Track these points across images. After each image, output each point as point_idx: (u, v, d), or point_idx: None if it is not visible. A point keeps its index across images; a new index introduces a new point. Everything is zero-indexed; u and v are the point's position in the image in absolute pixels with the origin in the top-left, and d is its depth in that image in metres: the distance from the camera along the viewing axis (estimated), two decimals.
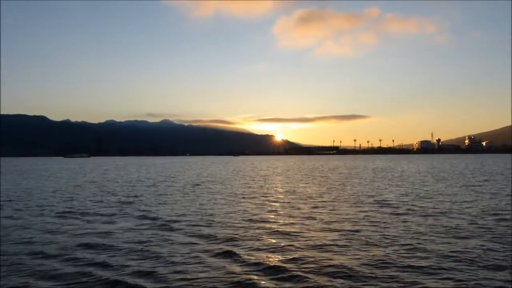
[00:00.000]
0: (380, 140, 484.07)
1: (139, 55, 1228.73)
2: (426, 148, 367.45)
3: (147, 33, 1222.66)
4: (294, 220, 16.90)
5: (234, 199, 24.78)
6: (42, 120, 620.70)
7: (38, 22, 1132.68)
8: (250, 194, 28.24)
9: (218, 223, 16.30)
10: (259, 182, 39.97)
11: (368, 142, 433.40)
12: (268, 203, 23.00)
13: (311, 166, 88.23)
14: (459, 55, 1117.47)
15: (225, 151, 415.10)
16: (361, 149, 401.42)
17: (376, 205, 21.37)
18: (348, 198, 24.83)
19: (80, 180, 46.69)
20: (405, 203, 21.98)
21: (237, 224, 16.13)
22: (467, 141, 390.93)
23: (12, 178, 52.08)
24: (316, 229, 14.95)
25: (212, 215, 18.38)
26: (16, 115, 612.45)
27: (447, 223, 15.76)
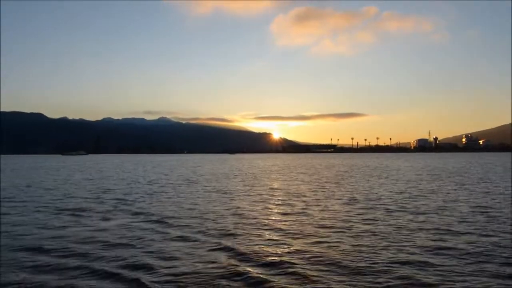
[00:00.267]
0: (377, 139, 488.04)
1: (137, 53, 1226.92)
2: (423, 147, 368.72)
3: (144, 31, 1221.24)
4: (287, 217, 17.11)
5: (229, 196, 24.97)
6: (39, 118, 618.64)
7: (36, 21, 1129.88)
8: (244, 191, 28.43)
9: (212, 219, 16.49)
10: (254, 180, 40.14)
11: (365, 140, 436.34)
12: (262, 200, 23.20)
13: (308, 164, 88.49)
14: (456, 53, 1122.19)
15: (223, 149, 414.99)
16: (358, 147, 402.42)
17: (369, 202, 21.60)
18: (341, 195, 25.05)
19: (77, 177, 46.77)
20: (398, 201, 22.23)
21: (230, 220, 16.33)
22: (464, 139, 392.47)
23: (9, 176, 52.07)
24: (308, 225, 15.16)
25: (206, 212, 18.58)
26: (13, 112, 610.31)
27: (438, 220, 16.01)
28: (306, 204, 21.05)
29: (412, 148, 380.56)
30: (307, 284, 8.73)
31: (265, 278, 9.13)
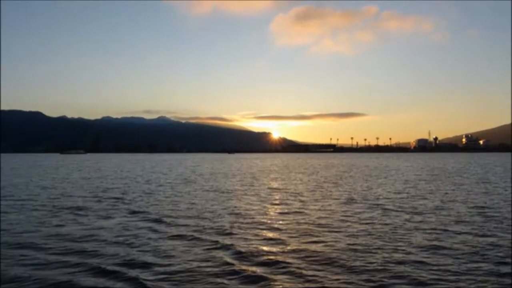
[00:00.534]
0: (377, 138, 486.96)
1: (136, 52, 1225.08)
2: (423, 147, 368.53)
3: (144, 30, 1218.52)
4: (284, 217, 17.17)
5: (226, 196, 25.01)
6: (38, 116, 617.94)
7: (36, 20, 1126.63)
8: (242, 191, 28.47)
9: (209, 218, 16.54)
10: (252, 180, 40.18)
11: (365, 140, 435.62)
12: (260, 200, 23.25)
13: (307, 164, 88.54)
14: (456, 53, 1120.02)
15: (222, 149, 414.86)
16: (358, 147, 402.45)
17: (366, 202, 21.66)
18: (339, 195, 25.11)
19: (75, 176, 46.78)
20: (396, 201, 22.28)
21: (227, 219, 16.38)
22: (464, 139, 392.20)
23: (8, 174, 52.08)
24: (305, 224, 15.21)
25: (204, 211, 18.62)
26: (12, 110, 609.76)
27: (435, 220, 16.07)
28: (304, 204, 21.10)
29: (412, 148, 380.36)
30: (303, 283, 8.78)
31: (261, 276, 9.18)
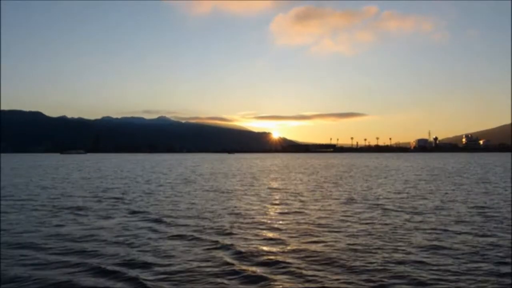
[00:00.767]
0: (377, 138, 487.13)
1: (136, 52, 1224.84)
2: (423, 147, 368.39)
3: (144, 30, 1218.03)
4: (284, 217, 17.17)
5: (226, 196, 25.01)
6: (38, 116, 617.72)
7: (35, 19, 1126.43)
8: (242, 191, 28.47)
9: (209, 218, 16.54)
10: (252, 180, 40.18)
11: (365, 140, 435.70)
12: (260, 200, 23.25)
13: (307, 164, 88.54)
14: (456, 53, 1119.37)
15: (222, 149, 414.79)
16: (358, 147, 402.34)
17: (366, 202, 21.66)
18: (339, 195, 25.11)
19: (75, 176, 46.78)
20: (395, 201, 22.29)
21: (227, 219, 16.39)
22: (464, 139, 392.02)
23: (8, 174, 52.09)
24: (305, 224, 15.21)
25: (204, 211, 18.62)
26: (12, 110, 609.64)
27: (435, 220, 16.07)
28: (304, 204, 21.10)
29: (412, 148, 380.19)
30: (303, 283, 8.78)
31: (261, 276, 9.18)
